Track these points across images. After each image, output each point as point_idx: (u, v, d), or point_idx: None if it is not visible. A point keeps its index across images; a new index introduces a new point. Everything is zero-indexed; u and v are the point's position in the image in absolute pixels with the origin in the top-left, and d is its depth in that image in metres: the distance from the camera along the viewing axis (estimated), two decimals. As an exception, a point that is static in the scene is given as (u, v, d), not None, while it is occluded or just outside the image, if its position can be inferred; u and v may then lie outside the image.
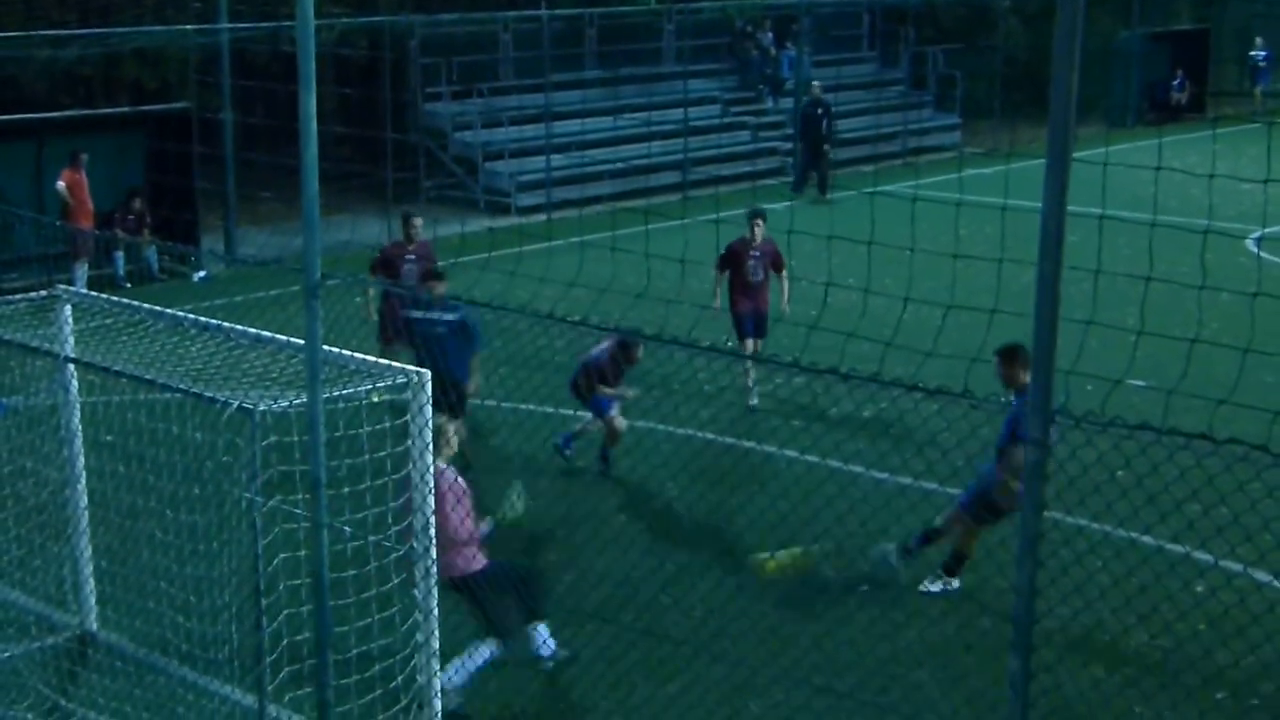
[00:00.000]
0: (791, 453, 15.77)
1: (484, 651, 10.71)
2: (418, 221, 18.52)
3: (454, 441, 10.89)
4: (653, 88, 36.36)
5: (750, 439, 16.51)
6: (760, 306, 18.12)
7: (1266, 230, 26.13)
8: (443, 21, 33.38)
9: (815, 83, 34.53)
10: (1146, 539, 13.00)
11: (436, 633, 9.47)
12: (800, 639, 11.80)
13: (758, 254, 18.21)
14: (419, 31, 32.59)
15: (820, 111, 33.73)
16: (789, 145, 36.35)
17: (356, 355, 9.32)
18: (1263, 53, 46.55)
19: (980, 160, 35.52)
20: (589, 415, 16.09)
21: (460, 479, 10.77)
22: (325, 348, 8.49)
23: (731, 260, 18.16)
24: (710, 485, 15.31)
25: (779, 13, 40.02)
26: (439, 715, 9.60)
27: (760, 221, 18.37)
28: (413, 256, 17.99)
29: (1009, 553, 11.35)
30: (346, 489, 9.17)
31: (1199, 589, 12.31)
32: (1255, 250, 25.19)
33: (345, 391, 8.91)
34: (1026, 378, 9.41)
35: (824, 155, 33.41)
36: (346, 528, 8.99)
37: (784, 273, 18.22)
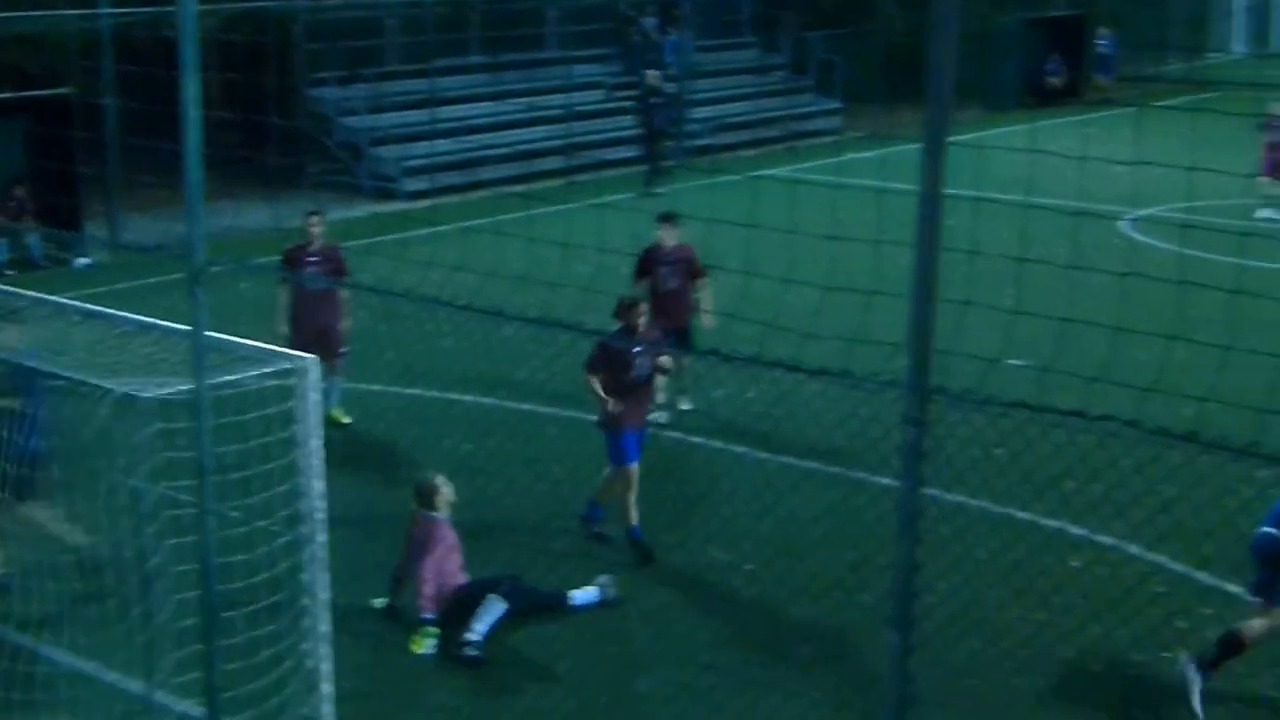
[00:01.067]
0: (676, 434, 15.82)
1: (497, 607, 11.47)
2: (315, 219, 16.45)
3: (447, 493, 11.54)
4: (537, 73, 36.29)
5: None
6: (677, 321, 16.07)
7: (1140, 212, 26.61)
8: (327, 7, 33.05)
9: (652, 72, 33.83)
10: (1023, 514, 13.22)
11: (326, 616, 9.41)
12: (687, 617, 11.86)
13: (671, 260, 16.34)
14: (304, 17, 32.27)
15: (658, 101, 32.47)
16: (673, 130, 36.40)
17: (242, 341, 9.22)
18: (1105, 42, 47.07)
19: (862, 144, 35.74)
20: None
21: (452, 531, 11.73)
22: (210, 334, 8.41)
23: (645, 269, 16.37)
24: (598, 465, 15.31)
25: (662, -1, 40.08)
26: (328, 698, 9.54)
27: (668, 225, 16.44)
28: (316, 259, 16.24)
29: (889, 529, 11.48)
30: (239, 475, 9.09)
31: (1074, 563, 12.53)
32: (1129, 231, 25.61)
33: (231, 378, 8.82)
34: None
35: (659, 145, 32.27)
36: (234, 513, 8.92)
37: (704, 280, 16.28)
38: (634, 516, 13.09)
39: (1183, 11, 54.72)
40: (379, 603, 11.94)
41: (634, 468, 13.17)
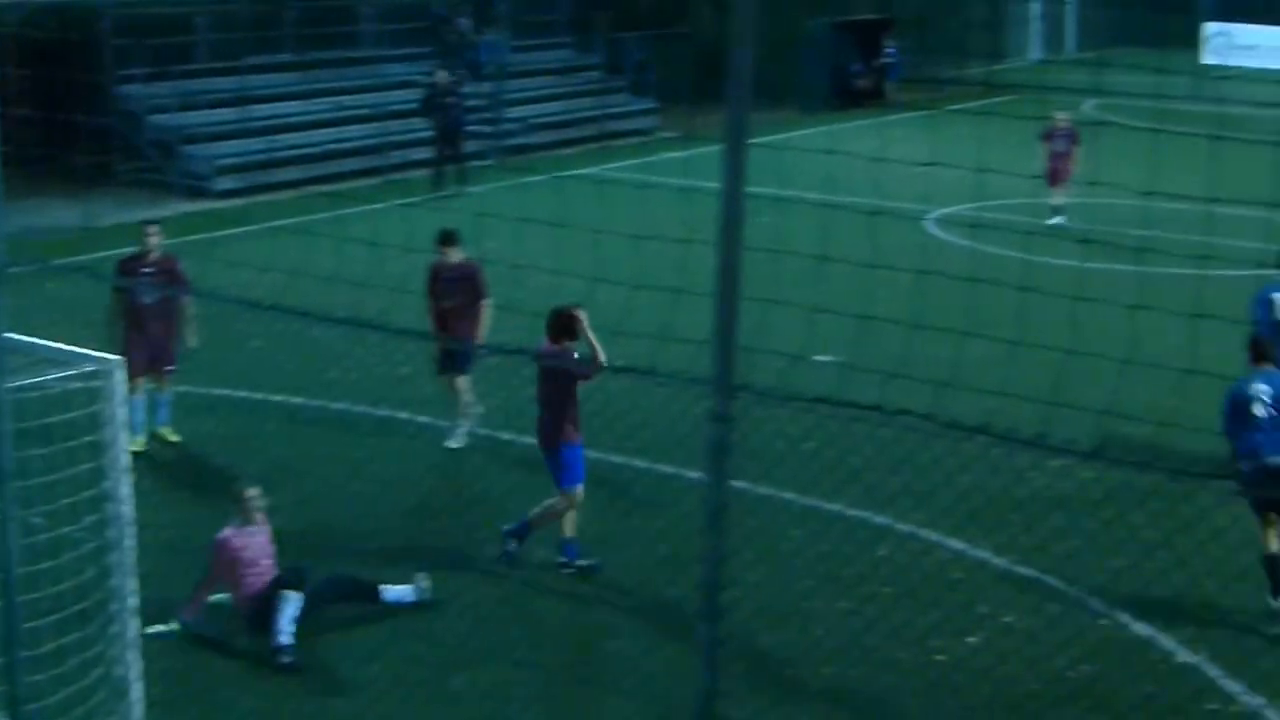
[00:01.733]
0: (485, 431, 15.75)
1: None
2: (152, 230, 15.54)
3: (257, 503, 11.37)
4: (351, 72, 35.90)
5: (428, 415, 16.27)
6: (462, 337, 15.20)
7: (940, 211, 27.15)
8: (136, 3, 32.36)
9: (443, 72, 33.37)
10: (829, 505, 13.40)
11: (135, 622, 9.22)
12: (501, 615, 11.83)
13: (452, 278, 15.45)
14: (111, 13, 31.55)
15: (450, 102, 31.65)
16: (488, 129, 36.26)
17: (45, 343, 8.99)
18: (892, 50, 47.67)
19: (675, 144, 35.97)
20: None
21: (258, 541, 11.57)
22: (13, 336, 8.18)
23: (429, 285, 15.62)
24: (414, 464, 15.22)
25: None
26: (137, 705, 9.34)
27: (448, 245, 15.54)
28: (151, 270, 15.30)
29: (697, 523, 11.55)
30: (42, 480, 8.83)
31: (880, 552, 12.75)
32: (931, 229, 26.09)
33: (33, 380, 8.60)
34: None
35: (458, 145, 31.52)
36: (37, 519, 8.68)
37: (486, 301, 15.33)
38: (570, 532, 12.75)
39: (982, 17, 55.94)
40: (169, 626, 11.50)
41: (580, 488, 12.70)
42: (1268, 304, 15.02)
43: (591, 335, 12.00)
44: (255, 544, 11.61)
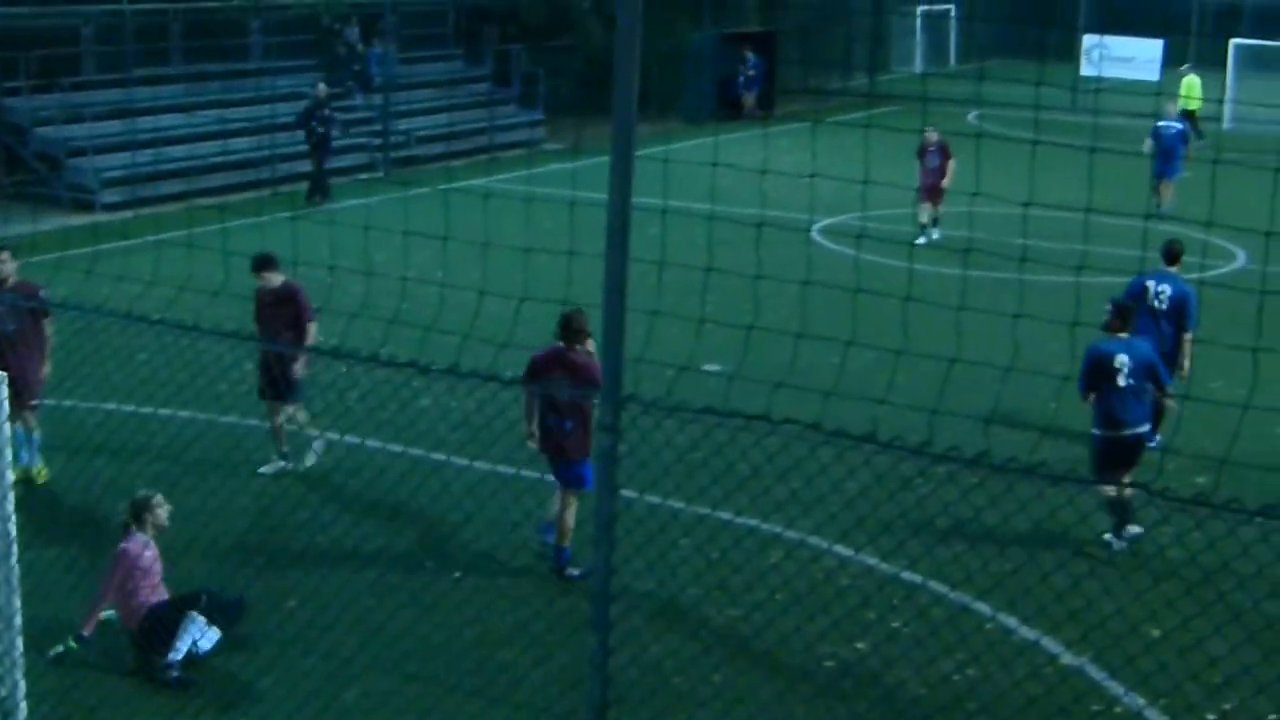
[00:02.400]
0: (375, 443, 15.62)
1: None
2: (4, 256, 14.78)
3: (160, 515, 11.20)
4: (239, 84, 35.51)
5: (314, 429, 16.21)
6: (284, 369, 14.91)
7: (826, 221, 27.34)
8: (20, 15, 31.83)
9: (321, 85, 33.13)
10: (718, 514, 13.43)
11: (19, 641, 9.03)
12: (390, 626, 11.72)
13: (272, 301, 14.87)
14: (-7, 24, 31.02)
15: (326, 114, 31.34)
16: (378, 140, 36.07)
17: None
18: (752, 65, 47.47)
19: (563, 156, 35.96)
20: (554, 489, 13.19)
21: (151, 550, 11.33)
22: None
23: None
24: (303, 478, 15.06)
25: (365, 10, 39.64)
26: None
27: (265, 272, 14.86)
28: (8, 297, 14.28)
29: (586, 533, 11.56)
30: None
31: (769, 559, 12.79)
32: (818, 238, 26.27)
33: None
34: None
35: (324, 159, 31.31)
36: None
37: (310, 325, 14.87)
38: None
39: (866, 30, 56.45)
40: (57, 650, 11.27)
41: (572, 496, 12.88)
42: (1141, 291, 15.97)
43: (591, 342, 12.18)
44: (150, 555, 11.43)
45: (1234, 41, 48.17)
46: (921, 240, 26.07)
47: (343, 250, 16.00)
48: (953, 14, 63.06)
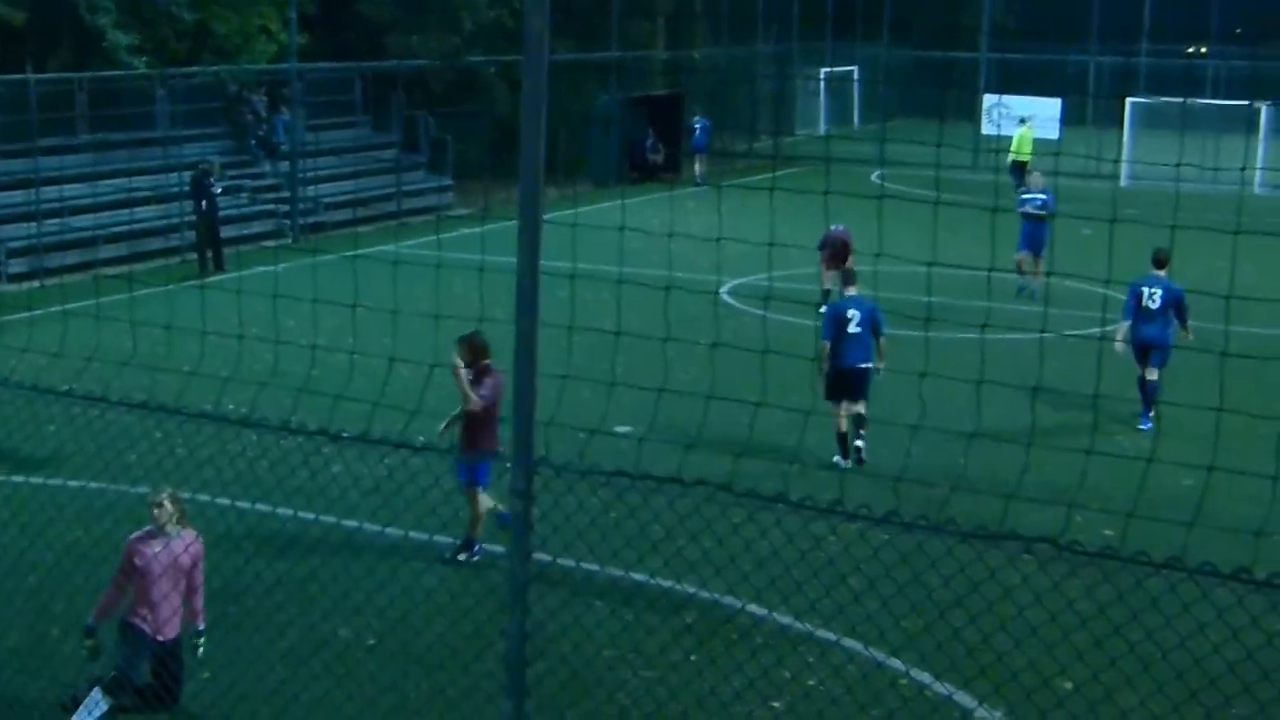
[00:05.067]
0: (286, 510, 15.47)
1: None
2: None
3: (170, 509, 10.96)
4: (146, 152, 35.26)
5: (226, 497, 16.05)
6: None
7: (735, 281, 27.49)
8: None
9: (212, 158, 33.05)
10: (633, 576, 13.40)
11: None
12: (304, 697, 11.57)
13: None
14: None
15: (210, 183, 31.39)
16: (286, 208, 35.92)
17: None
18: (700, 124, 47.67)
19: (474, 220, 35.97)
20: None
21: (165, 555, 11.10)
22: None
23: None
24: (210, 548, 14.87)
25: (272, 77, 39.53)
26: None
27: None
28: None
29: (499, 600, 11.48)
30: None
31: (684, 620, 12.77)
32: (727, 298, 26.40)
33: None
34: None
35: (214, 228, 31.34)
36: None
37: None
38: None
39: (772, 92, 57.01)
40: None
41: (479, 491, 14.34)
42: (1137, 295, 19.96)
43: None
44: (156, 556, 11.12)
45: (1130, 100, 49.12)
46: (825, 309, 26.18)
47: (252, 317, 15.90)
48: (855, 76, 63.85)
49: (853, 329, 17.88)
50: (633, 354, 16.61)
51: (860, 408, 17.67)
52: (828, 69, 61.10)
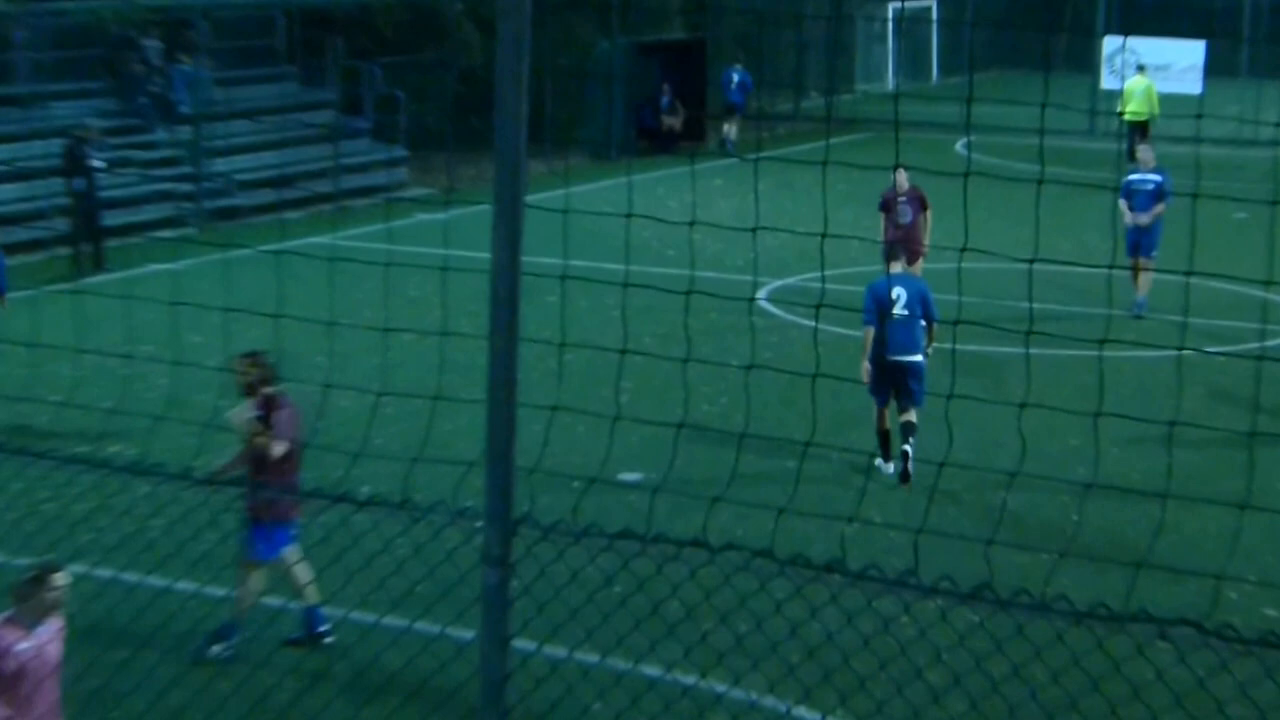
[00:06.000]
0: (188, 585, 15.50)
1: None
2: None
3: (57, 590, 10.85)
4: (4, 114, 35.26)
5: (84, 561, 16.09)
6: None
7: (777, 283, 27.50)
8: None
9: (89, 121, 32.73)
10: (645, 669, 13.40)
11: None
12: None
13: None
14: None
15: (94, 161, 31.12)
16: (188, 187, 35.83)
17: None
18: (737, 75, 47.65)
19: (436, 203, 35.91)
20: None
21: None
22: None
23: None
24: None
25: (169, 18, 39.46)
26: None
27: None
28: None
29: (468, 702, 11.49)
30: None
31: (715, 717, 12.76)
32: (766, 305, 26.41)
33: None
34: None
35: (93, 213, 31.02)
36: None
37: None
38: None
39: (825, 38, 56.93)
40: None
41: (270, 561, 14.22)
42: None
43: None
44: (20, 649, 10.98)
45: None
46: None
47: (144, 331, 15.92)
48: (934, 15, 63.76)
49: (899, 311, 18.33)
50: (643, 378, 16.58)
51: (912, 415, 18.02)
52: (897, 3, 61.15)
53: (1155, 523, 13.15)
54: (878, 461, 17.70)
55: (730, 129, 47.12)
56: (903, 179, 25.44)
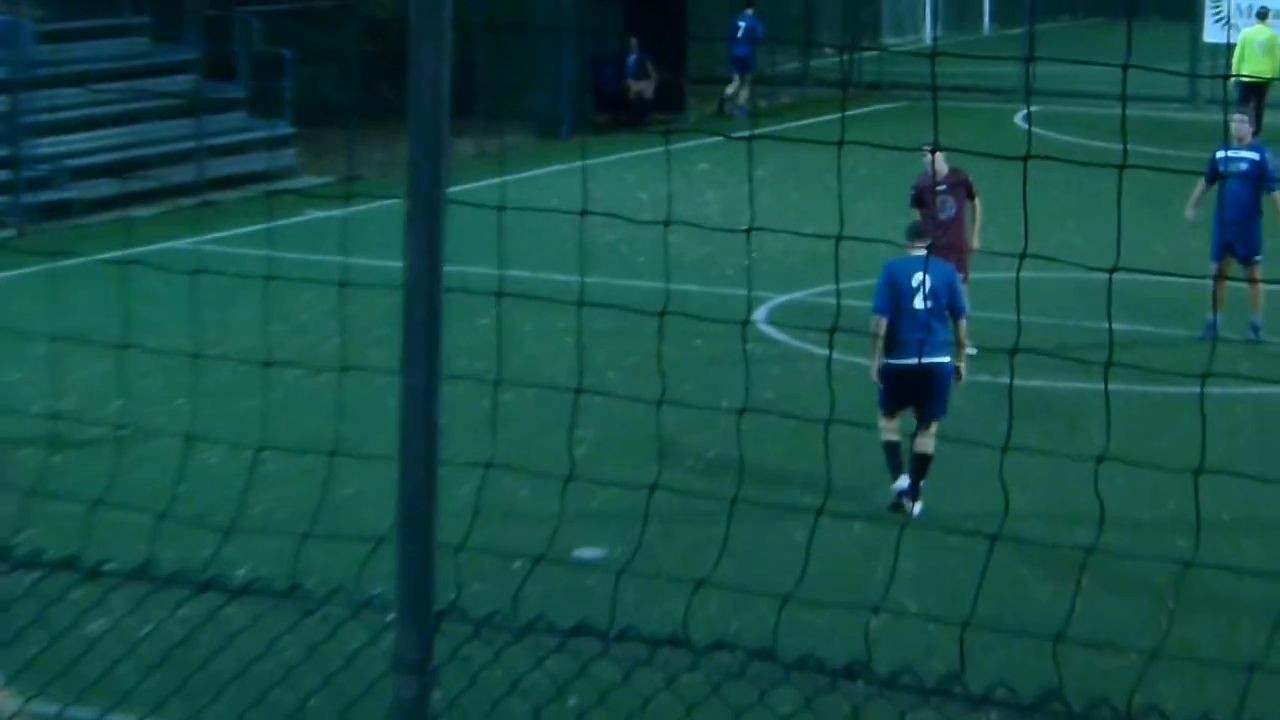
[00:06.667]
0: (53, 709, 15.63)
1: None
2: None
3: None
4: None
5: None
6: None
7: (780, 299, 27.48)
8: None
9: None
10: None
11: None
12: None
13: None
14: None
15: None
16: (3, 175, 35.79)
17: None
18: (745, 22, 47.50)
19: (333, 196, 35.82)
20: None
21: None
22: None
23: None
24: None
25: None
26: None
27: None
28: None
29: None
30: None
31: None
32: (763, 327, 26.40)
33: None
34: None
35: None
36: None
37: None
38: None
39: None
40: None
41: None
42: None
43: None
44: None
45: None
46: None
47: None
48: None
49: (918, 303, 18.64)
50: (606, 425, 16.53)
51: (930, 443, 18.45)
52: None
53: (1276, 615, 13.22)
54: (896, 487, 17.94)
55: (739, 92, 47.13)
56: (940, 162, 24.54)
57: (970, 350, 19.34)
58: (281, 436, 9.31)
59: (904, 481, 17.94)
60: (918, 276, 18.54)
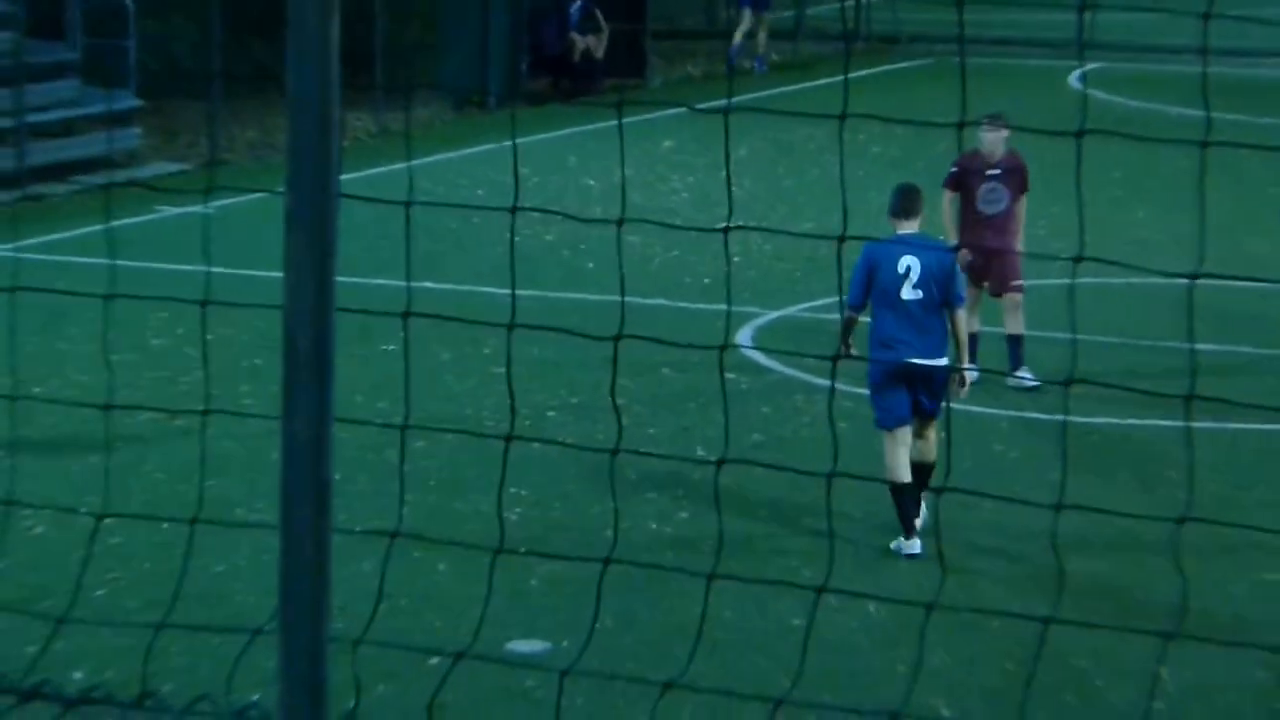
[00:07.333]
0: None
1: None
2: None
3: None
4: None
5: None
6: None
7: (769, 316, 27.52)
8: None
9: None
10: None
11: None
12: None
13: None
14: None
15: None
16: None
17: None
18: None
19: (190, 188, 35.79)
20: None
21: None
22: None
23: None
24: None
25: None
26: None
27: None
28: None
29: None
30: None
31: None
32: (747, 349, 26.42)
33: None
34: None
35: None
36: None
37: None
38: None
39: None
40: None
41: None
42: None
43: None
44: None
45: None
46: (1026, 380, 24.69)
47: None
48: None
49: (907, 293, 19.01)
50: (546, 481, 16.54)
51: (930, 450, 19.02)
52: None
53: None
54: (896, 543, 18.22)
55: (757, 36, 47.36)
56: (996, 141, 23.53)
57: (1027, 378, 19.90)
58: (129, 500, 9.37)
59: (916, 545, 18.09)
60: (904, 261, 18.77)
